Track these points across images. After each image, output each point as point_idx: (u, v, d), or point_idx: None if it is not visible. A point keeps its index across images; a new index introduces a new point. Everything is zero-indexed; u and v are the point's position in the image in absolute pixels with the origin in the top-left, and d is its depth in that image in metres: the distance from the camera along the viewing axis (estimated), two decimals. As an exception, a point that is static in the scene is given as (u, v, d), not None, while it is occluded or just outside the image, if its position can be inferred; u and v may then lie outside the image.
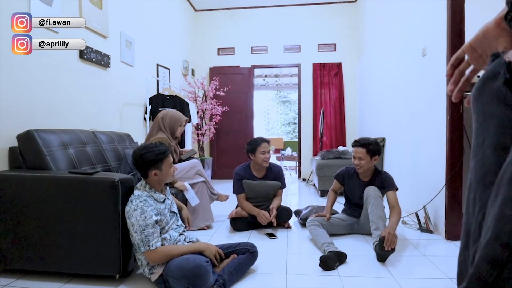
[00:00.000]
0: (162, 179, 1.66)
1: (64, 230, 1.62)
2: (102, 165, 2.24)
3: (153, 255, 1.50)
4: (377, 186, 2.24)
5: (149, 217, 1.50)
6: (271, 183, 2.62)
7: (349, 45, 5.41)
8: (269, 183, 2.62)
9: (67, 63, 2.45)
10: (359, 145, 2.24)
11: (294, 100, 13.68)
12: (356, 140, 2.29)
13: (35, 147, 1.80)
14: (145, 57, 3.77)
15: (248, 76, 5.54)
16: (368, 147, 2.21)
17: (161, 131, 2.52)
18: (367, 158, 2.21)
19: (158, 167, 1.62)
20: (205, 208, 2.61)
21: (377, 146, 2.24)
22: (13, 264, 1.68)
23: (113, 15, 3.05)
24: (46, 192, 1.64)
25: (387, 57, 3.76)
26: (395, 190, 2.21)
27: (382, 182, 2.25)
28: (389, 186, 2.22)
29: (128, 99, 3.36)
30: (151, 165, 1.61)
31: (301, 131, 5.62)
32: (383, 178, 2.27)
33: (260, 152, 2.54)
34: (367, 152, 2.21)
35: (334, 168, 3.83)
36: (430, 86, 2.59)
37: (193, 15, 5.63)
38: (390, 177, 2.27)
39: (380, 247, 1.82)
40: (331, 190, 2.51)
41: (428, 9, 2.62)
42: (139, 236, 1.49)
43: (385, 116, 3.85)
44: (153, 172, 1.61)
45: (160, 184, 1.68)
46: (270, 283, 1.65)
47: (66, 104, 2.44)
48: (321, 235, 2.11)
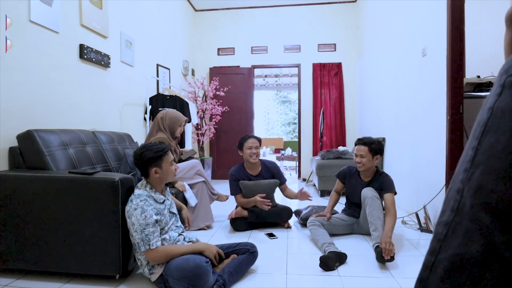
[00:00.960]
0: (163, 177, 1.65)
1: (64, 230, 1.62)
2: (102, 165, 2.24)
3: (153, 254, 1.50)
4: (376, 187, 2.23)
5: (150, 216, 1.51)
6: (268, 182, 2.62)
7: (349, 45, 5.41)
8: (265, 182, 2.62)
9: (67, 63, 2.45)
10: (362, 143, 2.25)
11: (294, 100, 13.68)
12: (359, 138, 2.31)
13: (35, 147, 1.80)
14: (145, 57, 3.77)
15: (248, 76, 5.54)
16: (370, 146, 2.22)
17: (161, 131, 2.52)
18: (369, 156, 2.22)
19: (158, 164, 1.62)
20: (205, 208, 2.61)
21: (380, 145, 2.26)
22: (13, 264, 1.68)
23: (113, 15, 3.05)
24: (46, 192, 1.64)
25: (387, 57, 3.76)
26: (393, 193, 2.20)
27: (382, 183, 2.24)
28: (388, 188, 2.20)
29: (128, 99, 3.36)
30: (151, 163, 1.61)
31: (301, 131, 5.62)
32: (383, 179, 2.26)
33: (246, 147, 2.57)
34: (369, 150, 2.22)
35: (334, 168, 3.83)
36: (430, 86, 2.59)
37: (193, 15, 5.63)
38: (390, 179, 2.26)
39: (379, 257, 1.80)
40: (333, 191, 2.52)
41: (428, 9, 2.62)
42: (139, 236, 1.49)
43: (385, 116, 3.85)
44: (153, 169, 1.61)
45: (162, 183, 1.68)
46: (270, 283, 1.65)
47: (66, 104, 2.44)
48: (322, 235, 2.11)
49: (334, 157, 4.00)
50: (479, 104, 2.46)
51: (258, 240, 2.29)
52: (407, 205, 3.00)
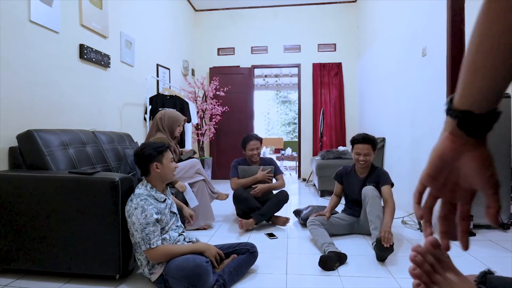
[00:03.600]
0: (164, 173, 1.65)
1: (64, 230, 1.62)
2: (102, 165, 2.24)
3: (153, 253, 1.50)
4: (373, 181, 2.27)
5: (150, 215, 1.51)
6: (264, 166, 2.82)
7: (349, 45, 5.41)
8: (261, 166, 2.81)
9: (67, 63, 2.45)
10: (364, 141, 2.26)
11: (294, 100, 13.68)
12: (357, 137, 2.30)
13: (35, 147, 1.80)
14: (145, 57, 3.77)
15: (248, 76, 5.54)
16: (373, 143, 2.26)
17: (160, 131, 2.52)
18: (371, 153, 2.26)
19: (159, 160, 1.63)
20: (206, 207, 2.61)
21: (375, 139, 2.32)
22: (13, 264, 1.68)
23: (113, 15, 3.05)
24: (46, 192, 1.64)
25: (387, 57, 3.76)
26: (390, 184, 2.23)
27: (378, 177, 2.28)
28: (384, 181, 2.24)
29: (128, 99, 3.36)
30: (152, 158, 1.62)
31: (301, 131, 5.62)
32: (378, 173, 2.30)
33: (249, 149, 2.82)
34: (372, 147, 2.26)
35: (334, 168, 3.81)
36: (430, 86, 2.59)
37: (193, 15, 5.63)
38: (385, 172, 2.31)
39: (379, 246, 1.83)
40: (333, 195, 2.53)
41: (428, 9, 2.62)
42: (140, 235, 1.49)
43: (385, 116, 3.85)
44: (154, 165, 1.62)
45: (162, 181, 1.68)
46: (270, 283, 1.65)
47: (66, 104, 2.44)
48: (322, 235, 2.11)
49: (334, 157, 4.00)
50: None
51: (258, 240, 2.29)
52: (407, 205, 3.00)
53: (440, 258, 0.56)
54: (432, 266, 0.56)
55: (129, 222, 1.55)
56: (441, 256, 0.56)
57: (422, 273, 0.55)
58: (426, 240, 0.55)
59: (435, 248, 0.55)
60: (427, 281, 0.55)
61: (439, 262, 0.56)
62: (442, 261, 0.56)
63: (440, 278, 0.55)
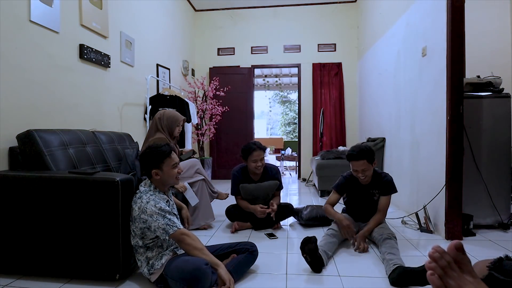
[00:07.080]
0: (164, 179, 1.64)
1: (64, 230, 1.62)
2: (102, 165, 2.24)
3: (183, 235, 1.51)
4: (376, 188, 2.20)
5: (164, 206, 1.55)
6: (268, 184, 2.59)
7: (349, 45, 5.41)
8: (266, 185, 2.58)
9: (67, 63, 2.45)
10: (358, 157, 2.08)
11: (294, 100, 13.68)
12: (352, 153, 2.12)
13: (35, 147, 1.80)
14: (145, 57, 3.77)
15: (248, 76, 5.54)
16: (368, 157, 2.08)
17: (159, 132, 2.52)
18: (369, 167, 2.11)
19: (158, 166, 1.62)
20: (206, 206, 2.61)
21: (371, 150, 2.12)
22: (13, 264, 1.68)
23: (113, 15, 3.05)
24: (46, 192, 1.64)
25: (387, 57, 3.76)
26: (389, 195, 2.17)
27: (381, 185, 2.19)
28: (385, 191, 2.17)
29: (128, 99, 3.36)
30: (152, 165, 1.61)
31: (301, 131, 5.61)
32: (382, 181, 2.19)
33: (251, 160, 2.50)
34: (368, 161, 2.09)
35: (334, 168, 3.84)
36: (430, 86, 2.59)
37: (193, 15, 5.63)
38: (389, 181, 2.18)
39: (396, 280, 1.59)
40: (328, 205, 2.28)
41: (428, 9, 2.62)
42: (163, 221, 1.50)
43: (385, 116, 3.85)
44: (154, 171, 1.62)
45: (163, 185, 1.67)
46: (270, 283, 1.65)
47: (66, 104, 2.44)
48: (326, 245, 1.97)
49: (334, 157, 4.00)
50: (479, 104, 2.47)
51: (258, 240, 2.29)
52: (407, 205, 3.00)
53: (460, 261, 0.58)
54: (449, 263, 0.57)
55: (143, 217, 1.52)
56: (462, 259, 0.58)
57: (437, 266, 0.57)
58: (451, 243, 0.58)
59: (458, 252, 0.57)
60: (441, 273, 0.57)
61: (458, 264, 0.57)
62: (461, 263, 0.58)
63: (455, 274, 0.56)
